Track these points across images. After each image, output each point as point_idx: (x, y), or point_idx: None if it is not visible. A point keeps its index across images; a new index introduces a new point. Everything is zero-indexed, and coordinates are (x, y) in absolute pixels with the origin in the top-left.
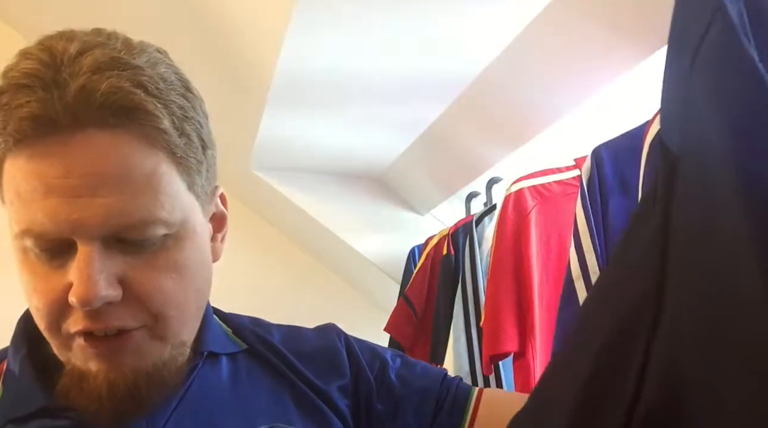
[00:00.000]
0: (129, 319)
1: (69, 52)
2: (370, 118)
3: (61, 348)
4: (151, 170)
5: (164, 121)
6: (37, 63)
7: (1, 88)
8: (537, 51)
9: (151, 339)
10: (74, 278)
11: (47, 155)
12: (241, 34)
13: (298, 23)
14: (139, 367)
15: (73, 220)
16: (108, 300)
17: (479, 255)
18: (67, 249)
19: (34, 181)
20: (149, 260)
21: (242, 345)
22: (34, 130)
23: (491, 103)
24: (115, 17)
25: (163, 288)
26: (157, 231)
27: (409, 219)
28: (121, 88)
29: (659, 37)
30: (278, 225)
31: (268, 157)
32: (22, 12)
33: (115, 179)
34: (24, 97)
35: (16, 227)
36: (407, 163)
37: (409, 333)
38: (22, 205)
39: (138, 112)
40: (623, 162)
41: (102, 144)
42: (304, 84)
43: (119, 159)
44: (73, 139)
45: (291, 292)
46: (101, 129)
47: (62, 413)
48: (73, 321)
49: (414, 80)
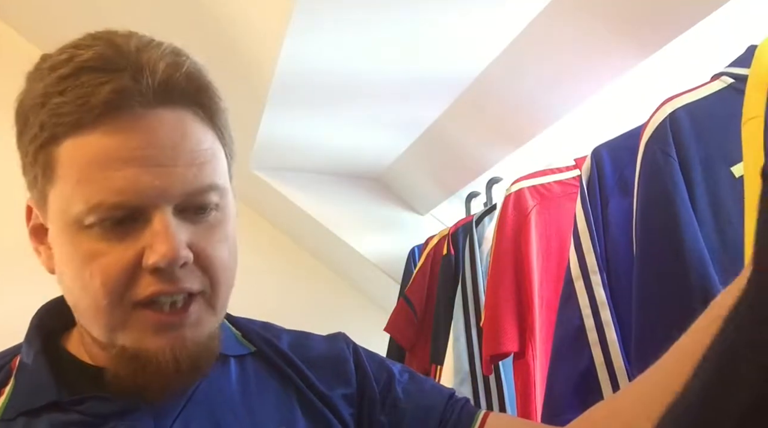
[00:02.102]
0: (195, 282)
1: (131, 43)
2: (370, 118)
3: (116, 327)
4: (211, 145)
5: (220, 106)
6: (104, 50)
7: (72, 71)
8: (537, 51)
9: (206, 309)
10: (155, 240)
11: (127, 129)
12: (241, 34)
13: (298, 23)
14: (197, 339)
15: (155, 187)
16: (186, 260)
17: (479, 255)
18: (135, 220)
19: (113, 152)
20: (207, 230)
21: (251, 348)
22: (115, 106)
23: (491, 103)
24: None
25: (221, 255)
26: (214, 196)
27: (409, 219)
28: (199, 72)
29: (659, 37)
30: (278, 225)
31: (268, 157)
32: (22, 12)
33: (188, 151)
34: (103, 76)
35: (79, 205)
36: (407, 163)
37: (409, 333)
38: (93, 178)
39: (205, 96)
40: (623, 162)
41: (172, 120)
42: (304, 84)
43: (188, 134)
44: (148, 116)
45: (291, 292)
46: (170, 108)
47: (73, 407)
48: (144, 287)
49: (414, 80)
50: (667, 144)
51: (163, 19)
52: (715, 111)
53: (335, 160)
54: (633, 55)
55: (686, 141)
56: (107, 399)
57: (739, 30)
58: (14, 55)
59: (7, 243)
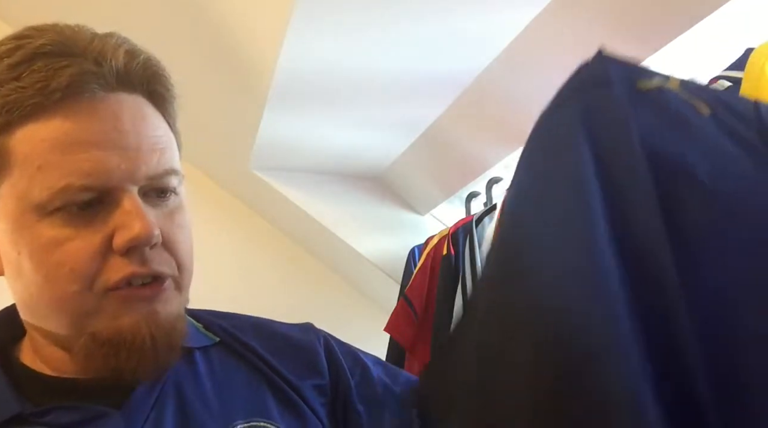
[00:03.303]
0: (164, 265)
1: (83, 32)
2: (370, 118)
3: (86, 313)
4: (165, 131)
5: (173, 95)
6: (58, 37)
7: (23, 58)
8: (537, 51)
9: (173, 290)
10: (128, 219)
11: (89, 112)
12: (242, 34)
13: (298, 23)
14: (169, 315)
15: (122, 169)
16: (158, 240)
17: (479, 256)
18: (101, 203)
19: (76, 135)
20: (168, 215)
21: (214, 339)
22: (77, 90)
23: (491, 103)
24: (115, 17)
25: (185, 240)
26: (174, 181)
27: (409, 219)
28: (154, 60)
29: (659, 37)
30: (278, 225)
31: (268, 157)
32: (22, 12)
33: (149, 136)
34: (62, 60)
35: (42, 191)
36: (407, 163)
37: (409, 333)
38: (57, 163)
39: (160, 83)
40: None
41: (132, 106)
42: (304, 84)
43: (147, 119)
44: (109, 100)
45: (290, 292)
46: (129, 93)
47: (37, 419)
48: (115, 270)
49: (414, 80)
50: None
51: (163, 19)
52: None
53: (335, 160)
54: (633, 55)
55: None
56: (73, 407)
57: (738, 30)
58: None
59: None
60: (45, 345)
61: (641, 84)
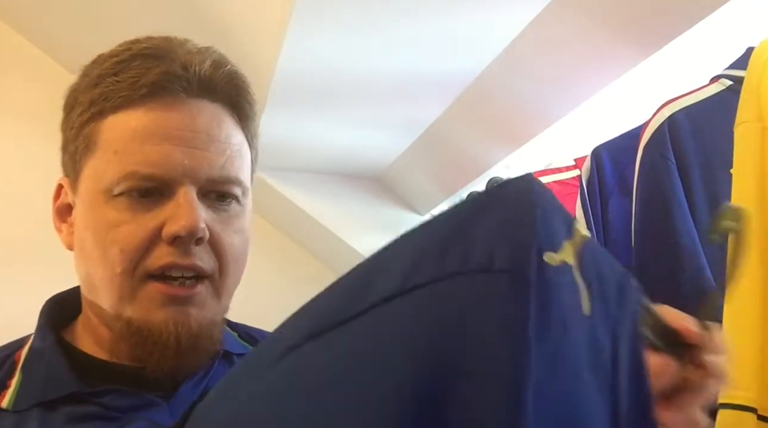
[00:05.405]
0: (207, 262)
1: (183, 42)
2: (370, 118)
3: (125, 297)
4: (240, 143)
5: (254, 111)
6: (159, 42)
7: (128, 57)
8: (537, 51)
9: (212, 294)
10: (178, 211)
11: (169, 110)
12: (242, 34)
13: (298, 23)
14: (201, 319)
15: (185, 165)
16: (204, 234)
17: None
18: (161, 194)
19: (152, 129)
20: (225, 219)
21: (249, 347)
22: (162, 88)
23: (491, 103)
24: (115, 17)
25: (235, 244)
26: (237, 190)
27: (409, 219)
28: (239, 75)
29: (659, 37)
30: (278, 225)
31: (268, 157)
32: (23, 12)
33: (220, 142)
34: (155, 62)
35: (113, 173)
36: (407, 163)
37: None
38: (130, 150)
39: (242, 98)
40: (623, 162)
41: (211, 112)
42: (304, 84)
43: (223, 126)
44: (189, 103)
45: (290, 292)
46: (210, 101)
47: (93, 399)
48: (158, 257)
49: (414, 80)
50: (665, 147)
51: (163, 19)
52: (714, 113)
53: (335, 160)
54: (633, 55)
55: (684, 144)
56: (127, 392)
57: (738, 30)
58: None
59: (5, 243)
60: (98, 324)
61: (548, 257)
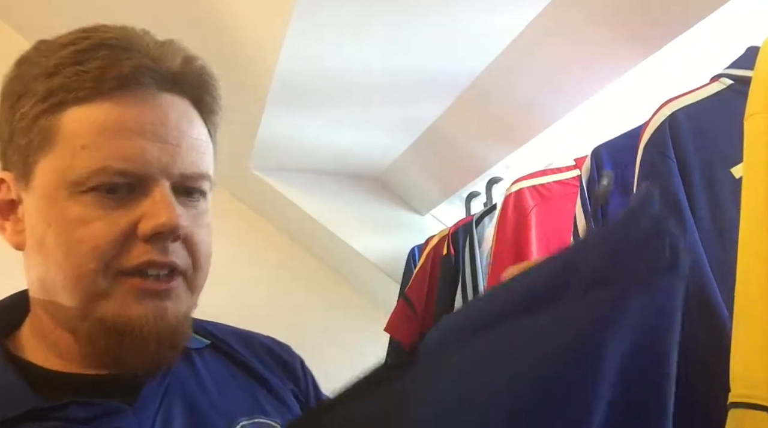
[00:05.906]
0: (182, 258)
1: (148, 35)
2: (370, 118)
3: (97, 295)
4: (206, 139)
5: (220, 107)
6: (125, 33)
7: (91, 46)
8: (537, 51)
9: (185, 289)
10: (156, 208)
11: (141, 104)
12: (241, 34)
13: (298, 23)
14: (177, 313)
15: (160, 161)
16: (182, 231)
17: (479, 256)
18: (132, 190)
19: (125, 123)
20: (195, 216)
21: (206, 341)
22: (134, 81)
23: (491, 103)
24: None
25: (205, 240)
26: (206, 185)
27: (409, 219)
28: (208, 71)
29: (659, 37)
30: (278, 225)
31: (268, 157)
32: (23, 12)
33: (191, 137)
34: (125, 53)
35: (81, 169)
36: (407, 163)
37: (409, 333)
38: (101, 145)
39: (209, 94)
40: (623, 162)
41: (182, 107)
42: (304, 84)
43: (193, 122)
44: (161, 97)
45: (290, 292)
46: (180, 96)
47: (54, 414)
48: (135, 255)
49: (414, 80)
50: (666, 146)
51: (162, 19)
52: (715, 113)
53: (335, 160)
54: (633, 55)
55: (685, 143)
56: (89, 402)
57: (739, 30)
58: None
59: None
60: (52, 328)
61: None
